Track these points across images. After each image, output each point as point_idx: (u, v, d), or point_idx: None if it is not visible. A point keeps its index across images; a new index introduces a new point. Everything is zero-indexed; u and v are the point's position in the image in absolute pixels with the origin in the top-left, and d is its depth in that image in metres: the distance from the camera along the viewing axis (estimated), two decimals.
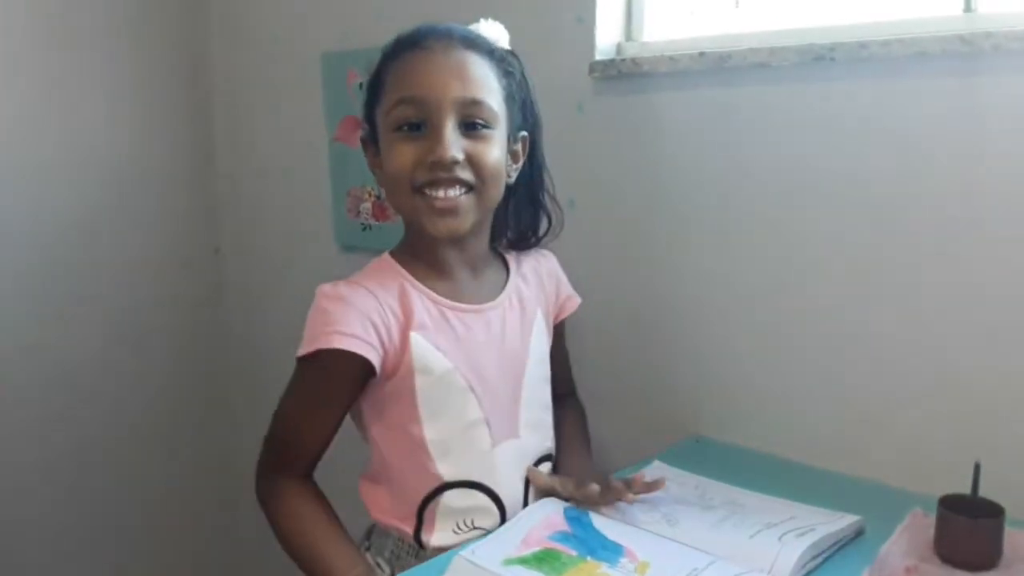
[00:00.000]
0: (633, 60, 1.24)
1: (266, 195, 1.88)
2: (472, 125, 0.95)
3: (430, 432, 0.96)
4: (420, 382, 0.95)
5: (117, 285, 1.80)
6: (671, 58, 1.20)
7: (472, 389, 0.97)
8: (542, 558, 0.86)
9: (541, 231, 1.10)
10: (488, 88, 0.96)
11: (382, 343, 0.94)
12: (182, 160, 1.90)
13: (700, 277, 1.23)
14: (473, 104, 0.94)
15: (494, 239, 1.09)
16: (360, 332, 0.92)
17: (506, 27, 1.04)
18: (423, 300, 0.98)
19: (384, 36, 1.01)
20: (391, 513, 1.00)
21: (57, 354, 1.72)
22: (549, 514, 0.95)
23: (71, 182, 1.71)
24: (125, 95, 1.79)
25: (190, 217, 1.93)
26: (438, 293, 0.99)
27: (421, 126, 0.94)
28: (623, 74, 1.25)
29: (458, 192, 0.94)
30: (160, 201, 1.86)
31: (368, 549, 1.04)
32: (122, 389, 1.82)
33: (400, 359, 0.95)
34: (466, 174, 0.94)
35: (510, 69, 1.01)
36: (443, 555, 0.90)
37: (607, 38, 1.30)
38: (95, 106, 1.74)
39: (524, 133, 1.03)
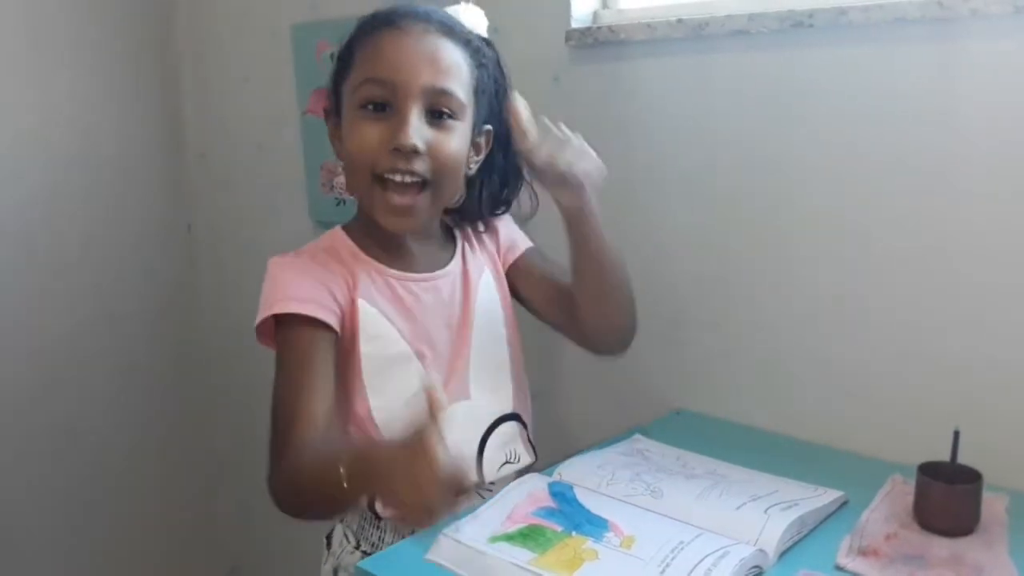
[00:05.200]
0: (610, 28, 1.22)
1: (238, 171, 1.85)
2: (438, 114, 0.94)
3: (375, 400, 0.97)
4: (366, 350, 0.96)
5: (88, 264, 1.76)
6: (648, 25, 1.18)
7: (420, 357, 0.98)
8: (527, 534, 0.85)
9: (499, 212, 1.10)
10: (459, 79, 0.95)
11: (337, 303, 0.95)
12: (152, 136, 1.86)
13: (679, 249, 1.22)
14: (442, 94, 0.93)
15: (458, 216, 1.08)
16: (314, 296, 0.93)
17: None
18: (370, 272, 0.98)
19: (353, 6, 0.98)
20: None
21: (28, 334, 1.68)
22: (533, 490, 0.94)
23: (39, 160, 1.67)
24: (92, 70, 1.73)
25: (161, 194, 1.89)
26: (387, 265, 0.99)
27: (387, 107, 0.93)
28: (599, 42, 1.23)
29: (413, 180, 0.93)
30: (130, 179, 1.82)
31: (342, 520, 1.05)
32: (95, 368, 1.79)
33: (348, 326, 0.96)
34: (423, 167, 0.93)
35: (484, 61, 0.99)
36: (426, 531, 0.89)
37: (583, 6, 1.28)
38: (62, 83, 1.69)
39: (489, 127, 1.02)
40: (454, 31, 0.96)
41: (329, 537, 1.07)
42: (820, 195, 1.09)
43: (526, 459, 1.05)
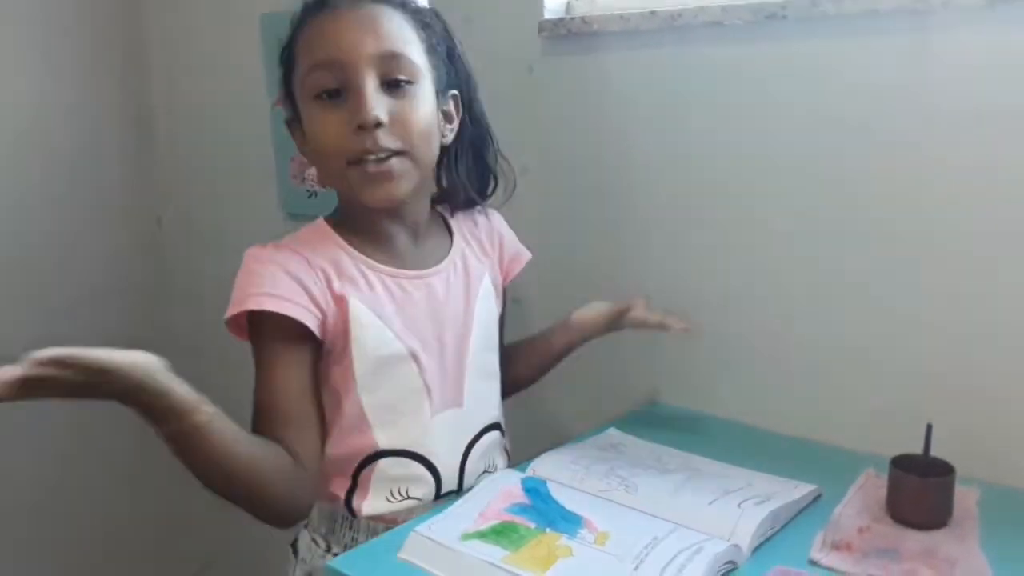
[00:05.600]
0: (583, 19, 1.20)
1: (208, 163, 1.82)
2: (395, 83, 0.90)
3: (367, 398, 0.93)
4: (357, 348, 0.92)
5: (56, 259, 1.73)
6: (621, 16, 1.17)
7: (414, 357, 0.95)
8: (500, 531, 0.84)
9: (489, 191, 1.07)
10: (405, 40, 0.92)
11: (317, 306, 0.90)
12: (120, 129, 1.82)
13: (654, 241, 1.22)
14: (392, 58, 0.90)
15: (447, 203, 1.06)
16: (291, 295, 0.89)
17: None
18: (359, 267, 0.94)
19: None
20: (326, 478, 0.96)
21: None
22: (507, 486, 0.93)
23: (3, 154, 1.63)
24: (57, 62, 1.70)
25: (130, 187, 1.85)
26: (377, 261, 0.96)
27: (341, 92, 0.90)
28: (573, 33, 1.22)
29: (387, 156, 0.90)
30: (98, 172, 1.79)
31: (306, 526, 1.01)
32: None
33: (337, 323, 0.91)
34: (393, 141, 0.90)
35: (427, 20, 0.96)
36: (398, 528, 0.89)
37: None
38: (26, 74, 1.65)
39: (455, 91, 0.99)
40: None
41: (295, 545, 1.03)
42: (794, 187, 1.09)
43: (502, 467, 1.04)
